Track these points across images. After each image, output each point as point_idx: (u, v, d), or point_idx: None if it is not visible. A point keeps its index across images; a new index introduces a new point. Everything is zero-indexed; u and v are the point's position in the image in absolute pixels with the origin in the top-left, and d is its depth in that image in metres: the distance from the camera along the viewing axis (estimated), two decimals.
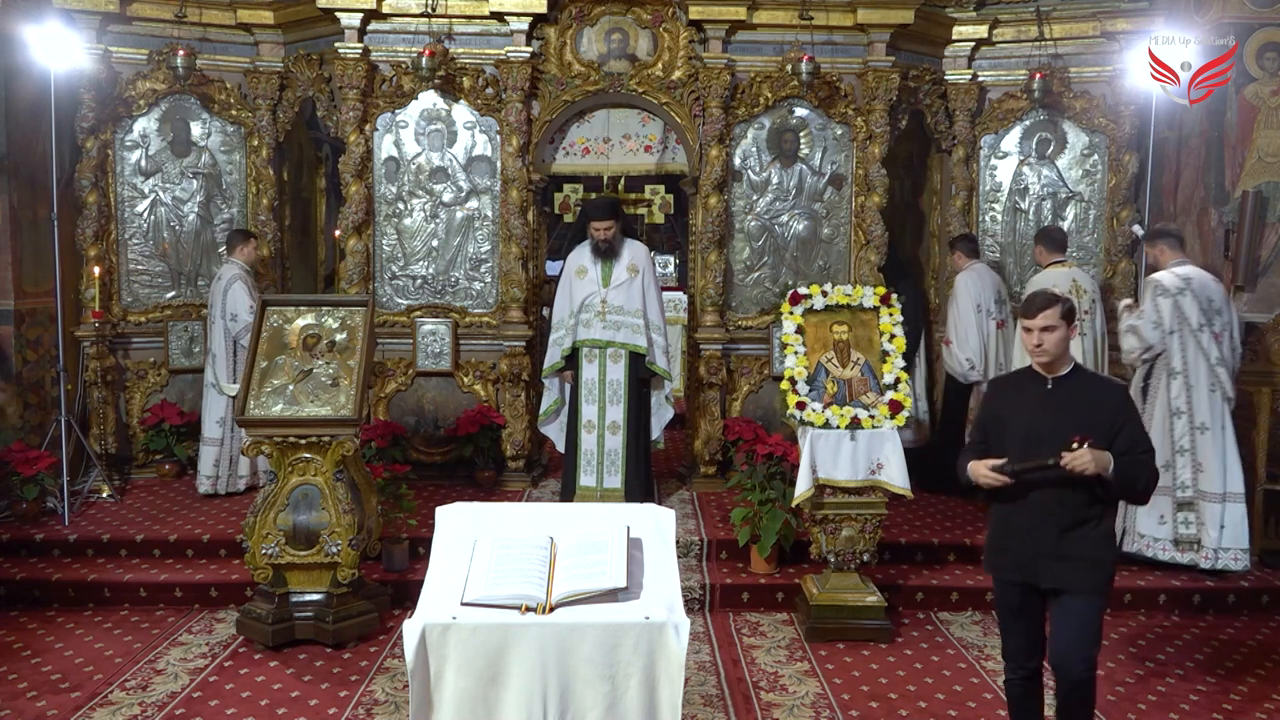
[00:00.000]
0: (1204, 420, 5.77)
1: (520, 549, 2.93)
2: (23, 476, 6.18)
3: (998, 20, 7.45)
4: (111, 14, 7.04)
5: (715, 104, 7.01)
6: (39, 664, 4.80)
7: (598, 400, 6.36)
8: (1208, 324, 5.77)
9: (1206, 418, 5.77)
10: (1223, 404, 5.79)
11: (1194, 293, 5.77)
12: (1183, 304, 5.78)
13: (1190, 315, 5.77)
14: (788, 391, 5.25)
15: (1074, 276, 6.74)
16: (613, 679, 2.69)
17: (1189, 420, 5.80)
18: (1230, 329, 5.84)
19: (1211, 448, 5.76)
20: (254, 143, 7.56)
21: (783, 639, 5.24)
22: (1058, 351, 3.50)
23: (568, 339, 6.34)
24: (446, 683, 2.71)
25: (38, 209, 6.74)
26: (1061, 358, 3.53)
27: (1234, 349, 5.87)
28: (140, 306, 7.43)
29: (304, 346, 5.16)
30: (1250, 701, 4.57)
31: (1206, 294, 5.80)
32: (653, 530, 3.09)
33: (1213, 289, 5.84)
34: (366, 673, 4.72)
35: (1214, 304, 5.79)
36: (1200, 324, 5.77)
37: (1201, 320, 5.77)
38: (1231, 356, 5.84)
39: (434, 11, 6.90)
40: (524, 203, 7.14)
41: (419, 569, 5.46)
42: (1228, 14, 6.52)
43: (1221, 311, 5.81)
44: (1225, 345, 5.80)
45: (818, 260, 7.36)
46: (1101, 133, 7.45)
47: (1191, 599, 5.70)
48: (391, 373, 7.26)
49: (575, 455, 6.42)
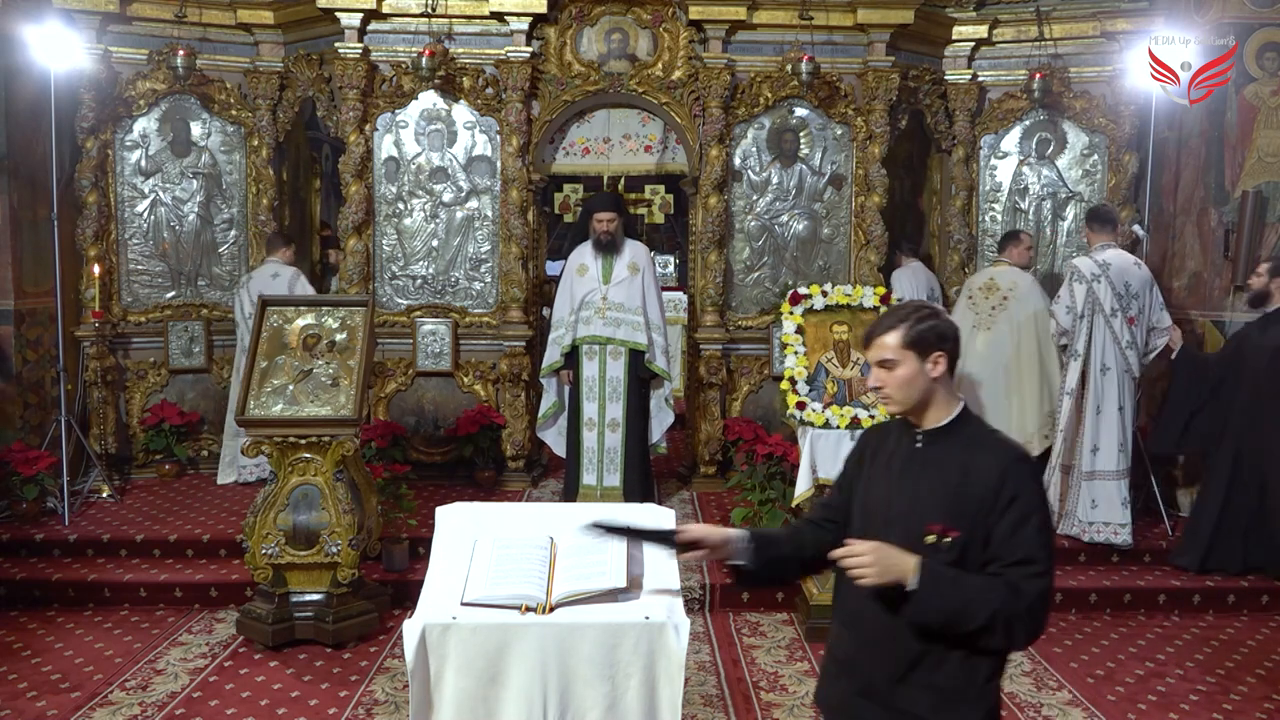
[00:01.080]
0: (1101, 402, 5.94)
1: (520, 549, 2.93)
2: (23, 476, 6.18)
3: (998, 20, 7.45)
4: (111, 14, 7.04)
5: (715, 104, 7.01)
6: (39, 664, 4.80)
7: (598, 397, 6.36)
8: (1121, 309, 5.90)
9: (1113, 400, 5.92)
10: (1130, 385, 5.95)
11: (1110, 278, 5.90)
12: (1097, 290, 5.93)
13: (1104, 300, 5.91)
14: (788, 391, 5.25)
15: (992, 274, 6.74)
16: (613, 679, 2.69)
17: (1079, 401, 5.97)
18: (1146, 312, 5.95)
19: (1114, 429, 5.91)
20: (254, 143, 7.56)
21: (783, 639, 5.24)
22: (904, 397, 2.36)
23: (567, 336, 6.34)
24: (446, 683, 2.71)
25: (38, 209, 6.74)
26: (925, 405, 2.37)
27: (1150, 329, 6.00)
28: (140, 306, 7.44)
29: (304, 346, 5.16)
30: (1250, 701, 4.57)
31: (1124, 279, 5.92)
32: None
33: (1132, 273, 5.95)
34: (366, 673, 4.72)
35: (1131, 289, 5.92)
36: (1114, 309, 5.90)
37: (1115, 306, 5.90)
38: (1144, 339, 5.97)
39: (434, 11, 6.90)
40: (524, 203, 7.14)
41: (419, 569, 5.46)
42: (1228, 14, 6.52)
43: (1139, 296, 5.92)
44: (1140, 330, 5.93)
45: (818, 260, 7.37)
46: (1101, 133, 7.46)
47: (1191, 599, 5.71)
48: (391, 373, 7.26)
49: (577, 454, 6.42)
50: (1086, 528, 5.99)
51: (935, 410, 2.38)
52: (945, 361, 2.36)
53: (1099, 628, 5.46)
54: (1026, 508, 2.22)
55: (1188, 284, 6.95)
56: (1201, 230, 6.82)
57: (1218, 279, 6.69)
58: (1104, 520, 5.95)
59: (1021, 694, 4.59)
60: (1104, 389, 5.96)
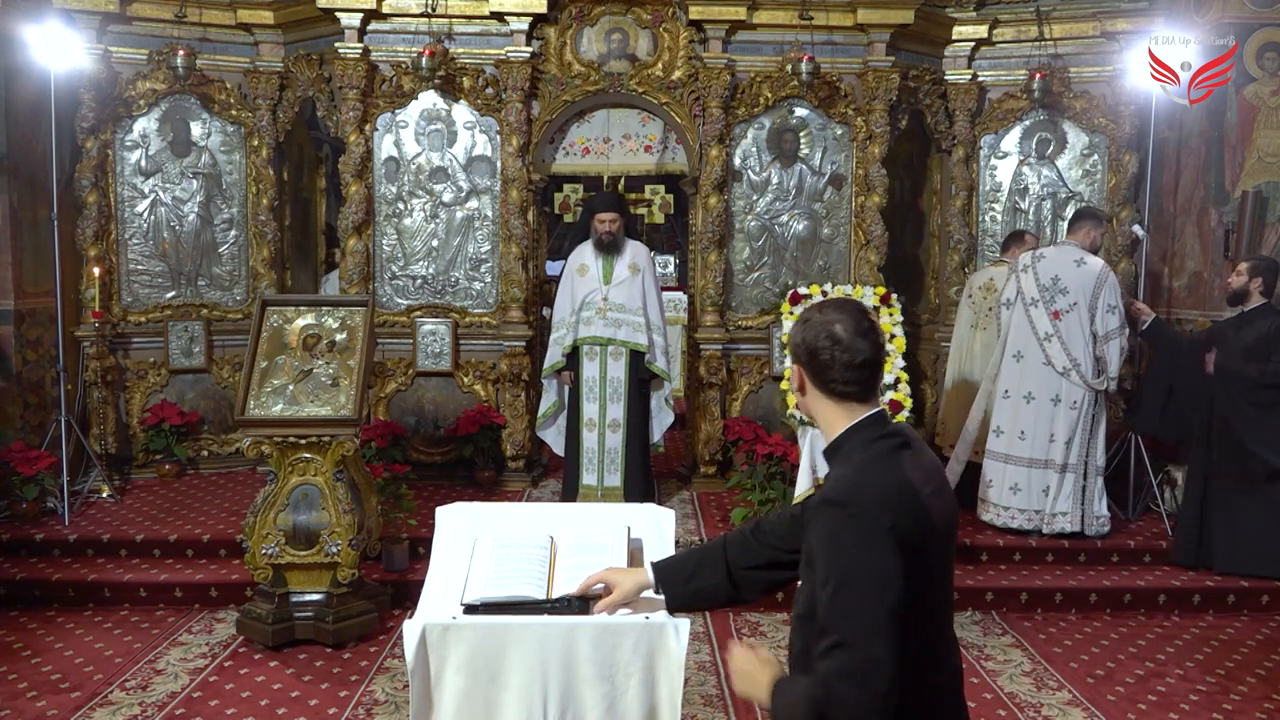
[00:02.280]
0: (1030, 390, 6.03)
1: (520, 549, 2.93)
2: (23, 476, 6.17)
3: (998, 20, 7.45)
4: (111, 14, 7.04)
5: (715, 104, 7.01)
6: (39, 664, 4.80)
7: (598, 398, 6.37)
8: (1043, 300, 5.98)
9: (1033, 388, 6.03)
10: (1056, 378, 5.97)
11: (1037, 270, 6.04)
12: (1022, 279, 6.10)
13: (1026, 289, 6.06)
14: (788, 391, 5.25)
15: (992, 275, 6.87)
16: (613, 679, 2.69)
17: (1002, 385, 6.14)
18: (1088, 314, 5.93)
19: (1036, 417, 6.00)
20: (254, 143, 7.56)
21: (783, 639, 5.23)
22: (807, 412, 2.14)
23: (569, 337, 6.34)
24: (446, 683, 2.71)
25: (38, 209, 6.74)
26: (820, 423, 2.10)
27: (1096, 335, 5.94)
28: (140, 306, 7.44)
29: (304, 346, 5.16)
30: (1250, 701, 4.57)
31: (1052, 273, 6.01)
32: (653, 530, 3.09)
33: (1065, 269, 5.99)
34: (366, 673, 4.72)
35: (1059, 283, 5.98)
36: (1034, 299, 6.02)
37: (1036, 296, 6.01)
38: (1080, 334, 5.92)
39: (434, 11, 6.90)
40: (524, 203, 7.14)
41: (419, 569, 5.46)
42: (1228, 14, 6.52)
43: (1067, 292, 5.96)
44: (1072, 321, 5.92)
45: (818, 260, 7.37)
46: (1101, 133, 7.45)
47: (1191, 599, 5.71)
48: (391, 373, 7.26)
49: (577, 454, 6.42)
50: (1001, 512, 6.11)
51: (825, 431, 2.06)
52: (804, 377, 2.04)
53: (1099, 628, 5.46)
54: (825, 568, 1.82)
55: (1188, 284, 6.95)
56: (1201, 230, 6.82)
57: (1218, 279, 6.69)
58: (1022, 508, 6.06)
59: (1021, 694, 4.59)
60: (1021, 375, 6.07)
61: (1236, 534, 5.76)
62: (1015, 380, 6.10)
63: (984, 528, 6.34)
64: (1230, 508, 5.78)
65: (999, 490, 6.13)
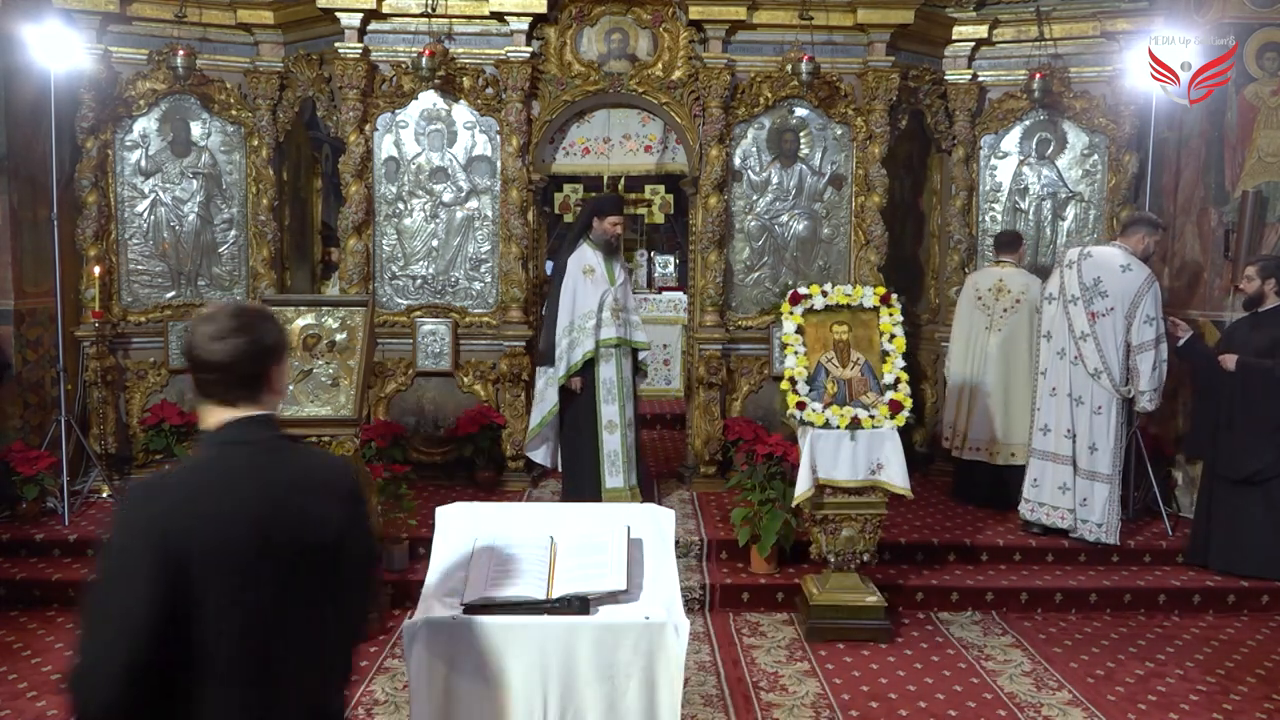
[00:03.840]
0: (1054, 385, 6.05)
1: (520, 549, 2.93)
2: (23, 476, 6.17)
3: (998, 20, 7.45)
4: (111, 14, 7.03)
5: (715, 104, 7.01)
6: (39, 664, 4.80)
7: (617, 399, 6.36)
8: (1083, 299, 5.96)
9: (1059, 383, 6.03)
10: (1086, 378, 5.96)
11: (1081, 267, 6.00)
12: (1066, 275, 6.06)
13: (1069, 286, 6.03)
14: (788, 391, 5.25)
15: (1001, 276, 6.88)
16: (613, 679, 2.69)
17: (1049, 383, 6.11)
18: (1124, 321, 5.87)
19: (1056, 412, 6.01)
20: (254, 143, 7.56)
21: (783, 639, 5.24)
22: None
23: (588, 340, 6.26)
24: (447, 683, 2.72)
25: (38, 209, 6.73)
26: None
27: (1118, 337, 5.89)
28: (140, 306, 7.43)
29: (304, 346, 5.16)
30: (1250, 701, 4.58)
31: (1095, 273, 5.96)
32: (653, 530, 3.09)
33: (1109, 272, 5.93)
34: (366, 673, 4.72)
35: (1099, 285, 5.93)
36: (1074, 296, 5.99)
37: (1076, 293, 5.98)
38: (1113, 339, 5.89)
39: (434, 11, 6.90)
40: (524, 203, 7.14)
41: (419, 569, 5.45)
42: (1228, 14, 6.52)
43: (1107, 295, 5.91)
44: (1106, 325, 5.89)
45: (818, 260, 7.36)
46: (1101, 133, 7.45)
47: (1191, 599, 5.71)
48: (391, 373, 7.26)
49: (598, 458, 6.35)
50: (1050, 511, 6.09)
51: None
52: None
53: (1099, 628, 5.47)
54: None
55: (1188, 284, 6.95)
56: (1201, 230, 6.82)
57: (1218, 279, 6.69)
58: (1043, 501, 6.10)
59: (1021, 694, 4.59)
60: (1061, 373, 6.04)
61: (1235, 534, 5.76)
62: (1065, 379, 6.04)
63: (984, 528, 6.35)
64: (1230, 507, 5.78)
65: (1049, 490, 6.08)
